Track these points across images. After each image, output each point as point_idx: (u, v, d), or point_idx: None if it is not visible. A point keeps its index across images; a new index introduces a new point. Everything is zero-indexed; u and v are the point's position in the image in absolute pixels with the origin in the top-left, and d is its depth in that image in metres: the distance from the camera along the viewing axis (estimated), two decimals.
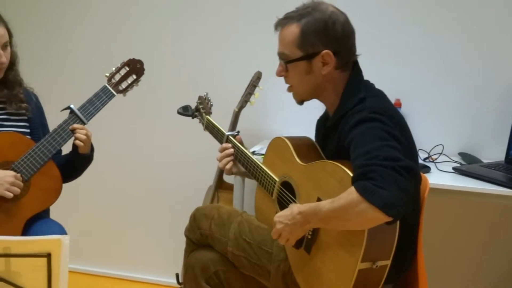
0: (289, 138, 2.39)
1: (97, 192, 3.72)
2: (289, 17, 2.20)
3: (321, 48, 2.15)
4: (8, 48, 2.54)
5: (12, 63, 2.60)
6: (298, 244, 2.20)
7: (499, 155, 3.06)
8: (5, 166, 2.48)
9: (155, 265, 3.73)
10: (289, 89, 2.30)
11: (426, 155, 3.08)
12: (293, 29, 2.17)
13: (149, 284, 3.73)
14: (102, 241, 3.80)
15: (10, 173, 2.45)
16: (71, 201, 2.90)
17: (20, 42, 2.64)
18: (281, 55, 2.24)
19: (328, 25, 2.15)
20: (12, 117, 2.62)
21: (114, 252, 3.80)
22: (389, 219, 1.82)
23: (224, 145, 2.58)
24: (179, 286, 3.48)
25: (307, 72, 2.21)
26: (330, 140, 2.27)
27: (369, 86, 2.26)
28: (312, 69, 2.20)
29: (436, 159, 3.06)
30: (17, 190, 2.44)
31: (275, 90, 2.55)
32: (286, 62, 2.23)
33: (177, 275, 3.48)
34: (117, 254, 3.81)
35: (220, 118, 2.85)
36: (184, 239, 2.68)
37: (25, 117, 2.65)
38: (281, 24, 2.22)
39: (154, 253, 3.73)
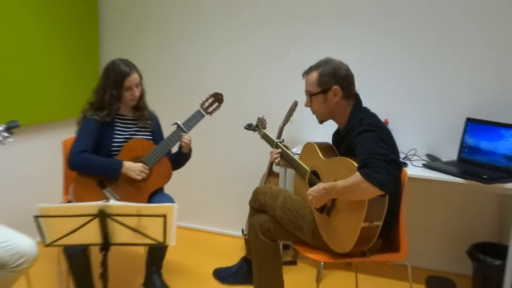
0: (316, 143, 2.40)
1: (194, 176, 3.73)
2: (311, 67, 2.29)
3: (332, 85, 2.21)
4: (140, 86, 2.59)
5: (142, 95, 2.65)
6: (322, 210, 2.21)
7: (453, 156, 3.00)
8: (137, 159, 2.52)
9: (229, 223, 3.74)
10: (313, 114, 2.35)
11: (404, 155, 3.03)
12: (314, 74, 2.25)
13: (224, 235, 3.75)
14: (196, 207, 3.83)
15: (140, 164, 2.49)
16: (178, 181, 2.92)
17: (145, 81, 2.68)
18: (307, 92, 2.31)
19: (336, 70, 2.21)
20: (141, 129, 2.66)
21: (203, 214, 3.82)
22: (382, 193, 1.88)
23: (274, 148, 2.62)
24: (243, 236, 3.50)
25: (324, 101, 2.26)
26: (341, 145, 2.29)
27: (366, 110, 2.29)
28: (327, 99, 2.24)
29: (411, 158, 3.02)
30: (144, 175, 2.49)
31: (307, 114, 2.56)
32: (310, 96, 2.29)
33: (242, 230, 3.50)
34: (205, 215, 3.82)
35: (271, 131, 2.87)
36: (248, 207, 2.70)
37: (149, 129, 2.69)
38: (307, 72, 2.30)
39: (229, 216, 3.74)
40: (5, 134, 2.18)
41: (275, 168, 3.28)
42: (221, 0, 3.50)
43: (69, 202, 2.54)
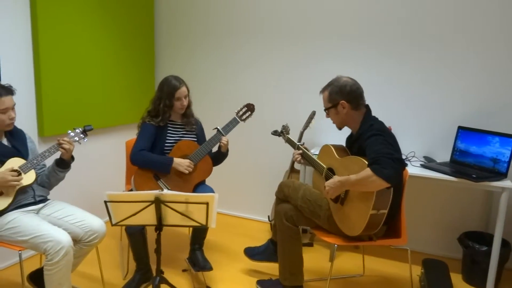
0: (332, 145, 2.36)
1: (230, 172, 3.74)
2: (324, 87, 2.28)
3: (339, 100, 2.19)
4: (187, 97, 2.60)
5: (189, 105, 2.65)
6: (336, 200, 2.19)
7: (447, 158, 2.93)
8: (185, 157, 2.52)
9: (257, 210, 3.73)
10: (333, 123, 2.32)
11: (405, 157, 2.96)
12: (326, 93, 2.25)
13: (254, 220, 3.73)
14: (232, 197, 3.82)
15: (187, 160, 2.50)
16: (217, 175, 2.94)
17: (191, 93, 2.69)
18: (324, 107, 2.29)
19: (341, 88, 2.19)
20: (188, 133, 2.66)
21: (237, 203, 3.81)
22: (388, 185, 1.88)
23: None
24: (269, 221, 3.49)
25: (336, 113, 2.24)
26: (353, 146, 2.26)
27: (375, 118, 2.24)
28: (338, 111, 2.22)
29: (410, 159, 2.95)
30: (190, 170, 2.49)
31: (324, 121, 2.53)
32: (325, 110, 2.28)
33: (268, 216, 3.49)
34: (239, 204, 3.81)
35: (293, 135, 2.85)
36: (273, 197, 2.69)
37: (195, 132, 2.69)
38: (321, 91, 2.30)
39: (257, 204, 3.72)
40: (82, 135, 2.23)
41: (296, 166, 3.26)
42: (250, 24, 3.51)
43: (131, 190, 2.58)
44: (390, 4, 3.05)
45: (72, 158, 2.23)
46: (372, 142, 2.01)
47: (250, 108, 2.68)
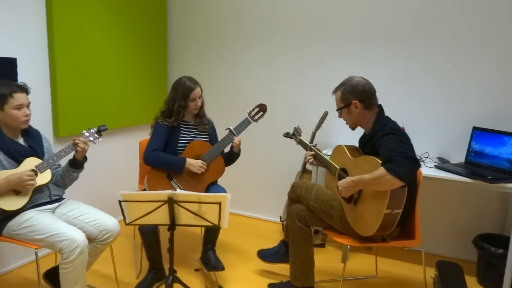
0: (345, 145, 2.35)
1: (242, 172, 3.72)
2: (337, 87, 2.27)
3: (352, 100, 2.19)
4: (201, 98, 2.61)
5: (202, 106, 2.65)
6: (349, 200, 2.17)
7: (461, 159, 2.89)
8: (197, 157, 2.53)
9: (269, 211, 3.71)
10: (346, 123, 2.31)
11: (419, 158, 2.91)
12: (338, 93, 2.25)
13: (265, 221, 3.72)
14: (244, 197, 3.82)
15: (200, 161, 2.50)
16: (229, 175, 2.93)
17: (204, 93, 2.70)
18: (336, 107, 2.29)
19: (354, 87, 2.19)
20: (200, 133, 2.67)
21: (249, 203, 3.79)
22: (402, 184, 1.88)
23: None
24: (281, 222, 3.48)
25: (349, 113, 2.23)
26: (366, 146, 2.25)
27: (388, 118, 2.23)
28: (350, 111, 2.22)
29: (424, 160, 2.91)
30: (203, 170, 2.50)
31: (336, 121, 2.52)
32: (338, 110, 2.28)
33: (280, 217, 3.48)
34: (251, 204, 3.80)
35: (305, 135, 2.83)
36: (285, 198, 2.68)
37: (207, 132, 2.69)
38: (334, 91, 2.29)
39: (269, 205, 3.71)
40: (96, 135, 2.26)
41: (308, 167, 3.24)
42: (262, 25, 3.51)
43: (144, 190, 2.60)
44: (405, 4, 3.02)
45: (85, 159, 2.26)
46: (386, 141, 2.00)
47: (262, 108, 2.67)
